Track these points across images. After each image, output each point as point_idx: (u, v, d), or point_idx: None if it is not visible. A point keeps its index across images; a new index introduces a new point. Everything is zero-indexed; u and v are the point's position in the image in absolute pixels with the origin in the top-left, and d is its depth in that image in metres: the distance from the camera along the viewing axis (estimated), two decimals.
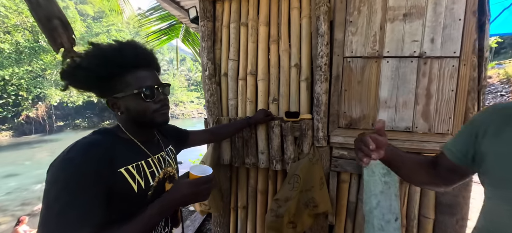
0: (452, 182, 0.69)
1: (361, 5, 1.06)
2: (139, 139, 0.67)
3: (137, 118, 0.64)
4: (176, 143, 0.87)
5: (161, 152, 0.73)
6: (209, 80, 1.35)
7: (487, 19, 1.02)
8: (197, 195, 0.62)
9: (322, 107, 1.14)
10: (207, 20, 1.35)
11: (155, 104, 0.64)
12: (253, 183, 1.43)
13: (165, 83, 0.67)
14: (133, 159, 0.62)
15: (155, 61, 0.68)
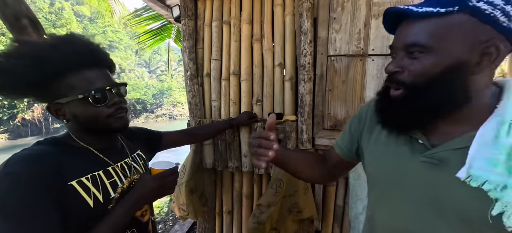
0: (339, 175, 0.74)
1: (344, 1, 1.01)
2: (96, 147, 0.60)
3: (87, 126, 0.57)
4: (147, 147, 0.81)
5: (125, 158, 0.67)
6: (191, 80, 1.30)
7: None
8: (164, 187, 0.61)
9: (306, 108, 1.09)
10: (188, 18, 1.30)
11: (108, 108, 0.57)
12: (238, 187, 1.38)
13: (120, 83, 0.61)
14: (88, 169, 0.55)
15: (104, 58, 0.61)
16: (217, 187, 1.45)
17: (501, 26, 0.38)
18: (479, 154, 0.41)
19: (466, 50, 0.39)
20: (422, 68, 0.41)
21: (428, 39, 0.40)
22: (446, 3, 0.39)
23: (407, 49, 0.43)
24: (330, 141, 1.08)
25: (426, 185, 0.46)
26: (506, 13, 0.37)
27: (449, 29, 0.39)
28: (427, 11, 0.39)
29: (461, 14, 0.38)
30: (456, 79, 0.41)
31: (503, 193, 0.38)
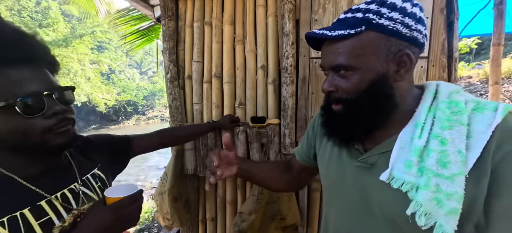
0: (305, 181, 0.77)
1: (326, 2, 0.99)
2: (25, 174, 0.45)
3: (10, 144, 0.43)
4: (113, 158, 0.69)
5: (72, 183, 0.52)
6: (171, 83, 1.25)
7: (456, 18, 0.97)
8: (122, 220, 0.49)
9: (289, 112, 1.06)
10: (168, 19, 1.25)
11: (46, 119, 0.43)
12: (221, 193, 1.33)
13: (64, 87, 0.48)
14: (8, 208, 0.41)
15: (42, 53, 0.47)
16: (200, 193, 1.40)
17: (405, 36, 0.42)
18: (399, 156, 0.44)
19: (383, 62, 0.43)
20: (351, 86, 0.45)
21: (348, 59, 0.44)
22: (354, 25, 0.43)
23: (334, 70, 0.46)
24: None
25: (360, 188, 0.51)
26: (405, 24, 0.42)
27: (363, 47, 0.43)
28: (339, 34, 0.43)
29: (369, 32, 0.42)
30: (383, 89, 0.45)
31: (417, 193, 0.41)
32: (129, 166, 0.80)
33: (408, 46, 0.43)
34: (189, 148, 1.26)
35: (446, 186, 0.39)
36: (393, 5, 0.42)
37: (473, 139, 0.39)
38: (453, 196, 0.38)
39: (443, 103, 0.43)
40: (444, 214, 0.38)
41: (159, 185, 1.22)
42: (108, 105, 16.34)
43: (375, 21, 0.41)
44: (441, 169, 0.40)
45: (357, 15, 0.43)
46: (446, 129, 0.41)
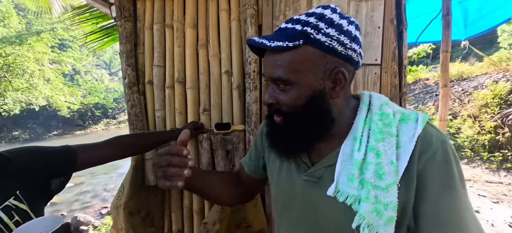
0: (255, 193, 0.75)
1: (286, 9, 1.00)
2: None
3: None
4: (45, 177, 0.59)
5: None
6: (130, 89, 1.17)
7: (405, 28, 1.05)
8: None
9: (253, 118, 1.05)
10: (125, 19, 1.16)
11: None
12: (188, 203, 1.28)
13: None
14: None
15: None
16: (165, 205, 1.32)
17: (340, 54, 0.43)
18: (342, 170, 0.45)
19: (319, 79, 0.44)
20: (290, 100, 0.45)
21: (286, 73, 0.43)
22: (292, 38, 0.42)
23: (274, 82, 0.46)
24: None
25: (309, 203, 0.50)
26: (341, 42, 0.42)
27: (300, 62, 0.42)
28: (278, 45, 0.42)
29: (307, 46, 0.42)
30: (320, 106, 0.45)
31: (359, 206, 0.42)
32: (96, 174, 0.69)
33: (343, 64, 0.44)
34: (150, 158, 1.19)
35: (383, 197, 0.40)
36: (330, 21, 0.42)
37: (401, 149, 0.42)
38: (389, 206, 0.40)
39: (376, 115, 0.46)
40: (383, 224, 0.40)
41: (115, 198, 1.13)
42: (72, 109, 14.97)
43: (313, 35, 0.41)
44: (377, 180, 0.41)
45: (296, 26, 0.43)
46: (379, 141, 0.43)
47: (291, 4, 1.00)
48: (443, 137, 0.43)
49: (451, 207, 0.39)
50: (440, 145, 0.42)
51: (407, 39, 1.12)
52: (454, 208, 0.39)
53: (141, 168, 1.19)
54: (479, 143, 4.56)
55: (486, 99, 5.06)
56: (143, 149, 1.02)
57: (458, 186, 0.40)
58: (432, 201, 0.40)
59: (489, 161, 4.28)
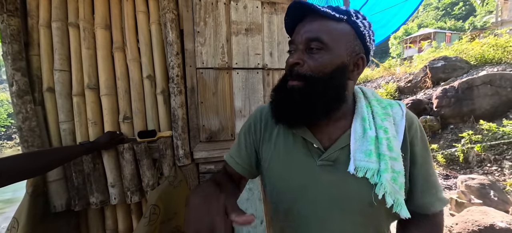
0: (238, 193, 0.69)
1: (206, 16, 1.05)
2: None
3: None
4: None
5: None
6: (20, 98, 0.96)
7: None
8: None
9: (180, 122, 1.04)
10: (8, 14, 0.95)
11: None
12: (111, 224, 1.14)
13: None
14: None
15: None
16: (82, 231, 1.13)
17: (365, 43, 0.50)
18: (357, 148, 0.49)
19: (348, 55, 0.48)
20: (319, 65, 0.47)
21: (327, 36, 0.46)
22: (339, 12, 0.48)
23: (309, 43, 0.47)
24: (209, 153, 1.09)
25: (328, 186, 0.50)
26: (369, 34, 0.50)
27: (340, 34, 0.47)
28: (326, 12, 0.47)
29: (347, 24, 0.48)
30: (342, 78, 0.49)
31: (380, 177, 0.46)
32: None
33: (364, 53, 0.50)
34: (55, 179, 1.00)
35: (396, 166, 0.48)
36: (364, 17, 0.51)
37: (397, 126, 0.52)
38: (401, 173, 0.48)
39: (374, 100, 0.55)
40: (398, 189, 0.47)
41: None
42: None
43: (353, 18, 0.48)
44: (391, 152, 0.48)
45: (341, 8, 0.49)
46: (384, 120, 0.51)
47: (211, 12, 1.05)
48: (415, 115, 0.56)
49: (430, 164, 0.53)
50: (417, 121, 0.55)
51: None
52: (431, 164, 0.54)
53: (42, 193, 0.99)
54: None
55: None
56: (38, 171, 0.82)
57: (429, 151, 0.54)
58: (420, 163, 0.52)
59: None
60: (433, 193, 0.52)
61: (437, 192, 0.53)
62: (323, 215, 0.51)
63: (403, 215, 0.47)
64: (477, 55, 6.14)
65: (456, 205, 2.66)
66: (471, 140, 4.04)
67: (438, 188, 0.53)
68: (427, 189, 0.52)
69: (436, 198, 0.52)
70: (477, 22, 21.56)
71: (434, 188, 0.53)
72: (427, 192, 0.52)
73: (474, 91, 4.61)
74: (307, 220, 0.53)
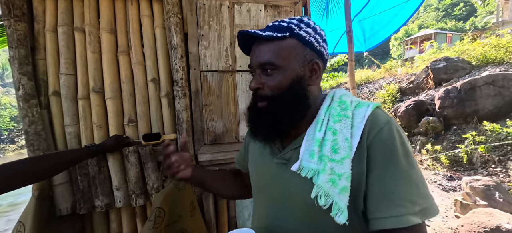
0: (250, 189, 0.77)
1: (210, 20, 1.06)
2: None
3: None
4: None
5: None
6: (26, 102, 0.96)
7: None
8: None
9: (184, 125, 1.05)
10: (16, 19, 0.96)
11: None
12: (116, 227, 1.14)
13: None
14: None
15: None
16: None
17: (315, 48, 0.53)
18: (306, 149, 0.52)
19: (301, 66, 0.52)
20: (277, 83, 0.51)
21: (275, 58, 0.50)
22: (280, 30, 0.51)
23: (262, 67, 0.52)
24: (213, 156, 1.09)
25: (280, 183, 0.55)
26: (316, 40, 0.52)
27: (287, 50, 0.51)
28: (269, 35, 0.50)
29: (291, 39, 0.51)
30: (300, 89, 0.52)
31: (317, 178, 0.48)
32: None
33: (317, 58, 0.53)
34: (61, 182, 1.01)
35: (338, 169, 0.47)
36: (308, 24, 0.53)
37: (355, 128, 0.49)
38: (343, 176, 0.46)
39: (336, 102, 0.54)
40: (337, 193, 0.46)
41: None
42: None
43: (296, 30, 0.51)
44: (333, 154, 0.48)
45: (282, 24, 0.52)
46: (337, 122, 0.51)
47: (215, 15, 1.06)
48: (388, 118, 0.50)
49: (394, 176, 0.45)
50: (385, 124, 0.48)
51: None
52: (397, 176, 0.45)
53: (48, 197, 0.99)
54: None
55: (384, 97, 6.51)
56: (44, 175, 0.81)
57: (400, 159, 0.46)
58: (378, 171, 0.46)
59: None
60: (387, 207, 0.45)
61: (393, 208, 0.44)
62: (277, 211, 0.56)
63: (340, 221, 0.45)
64: (479, 56, 6.12)
65: (461, 207, 2.64)
66: (475, 141, 4.01)
67: (399, 204, 0.44)
68: (382, 202, 0.45)
69: (389, 214, 0.44)
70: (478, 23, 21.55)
71: (392, 203, 0.44)
72: (381, 205, 0.46)
73: (476, 92, 4.59)
74: (268, 213, 0.59)
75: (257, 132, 0.56)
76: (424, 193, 0.46)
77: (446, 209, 2.84)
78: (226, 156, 1.08)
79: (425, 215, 0.44)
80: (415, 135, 5.21)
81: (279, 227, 0.55)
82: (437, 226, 2.45)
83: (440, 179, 3.78)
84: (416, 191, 0.45)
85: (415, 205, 0.44)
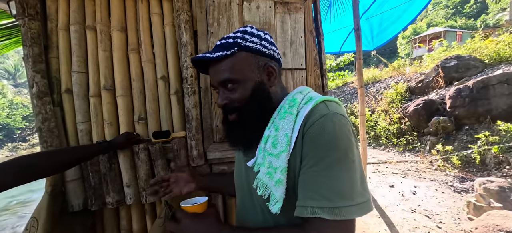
0: None
1: (220, 17, 1.05)
2: None
3: None
4: None
5: None
6: (40, 99, 0.98)
7: (322, 39, 1.25)
8: None
9: (194, 123, 1.04)
10: (30, 18, 0.98)
11: None
12: (126, 224, 1.14)
13: None
14: None
15: None
16: (98, 231, 1.14)
17: (265, 53, 0.57)
18: (260, 146, 0.56)
19: (256, 73, 0.56)
20: (239, 95, 0.55)
21: (231, 74, 0.54)
22: (228, 47, 0.54)
23: (223, 84, 0.56)
24: (222, 154, 1.08)
25: (246, 179, 0.61)
26: (263, 45, 0.57)
27: (239, 64, 0.54)
28: (219, 55, 0.53)
29: (241, 52, 0.55)
30: (263, 93, 0.56)
31: (260, 171, 0.53)
32: None
33: (270, 61, 0.58)
34: (73, 179, 1.02)
35: (274, 162, 0.50)
36: (252, 33, 0.57)
37: (296, 124, 0.51)
38: (278, 169, 0.49)
39: (287, 101, 0.56)
40: (273, 184, 0.50)
41: None
42: None
43: (243, 43, 0.55)
44: (272, 149, 0.52)
45: (229, 40, 0.56)
46: (281, 119, 0.54)
47: (224, 13, 1.05)
48: (325, 112, 0.48)
49: (314, 169, 0.46)
50: (318, 118, 0.47)
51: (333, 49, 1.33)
52: (315, 171, 0.46)
53: (60, 193, 1.01)
54: (390, 132, 5.69)
55: (392, 96, 6.39)
56: (54, 170, 0.81)
57: (324, 153, 0.45)
58: (304, 162, 0.47)
59: (398, 145, 5.40)
60: (302, 196, 0.47)
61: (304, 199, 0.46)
62: (243, 204, 0.63)
63: (273, 210, 0.49)
64: (492, 54, 5.93)
65: (474, 209, 2.56)
66: (488, 141, 3.89)
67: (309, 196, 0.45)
68: (301, 191, 0.47)
69: (300, 203, 0.46)
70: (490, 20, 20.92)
71: (305, 193, 0.46)
72: (300, 194, 0.47)
73: (490, 91, 4.45)
74: (239, 207, 0.66)
75: (235, 144, 0.61)
76: (342, 191, 0.43)
77: (458, 211, 2.76)
78: (235, 154, 1.07)
79: (335, 214, 0.42)
80: (425, 135, 5.09)
81: (245, 217, 0.62)
82: (449, 228, 2.38)
83: (452, 180, 3.68)
84: (332, 186, 0.44)
85: (323, 199, 0.43)
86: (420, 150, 4.88)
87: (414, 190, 3.39)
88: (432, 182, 3.68)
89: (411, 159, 4.74)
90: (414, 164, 4.50)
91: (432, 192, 3.30)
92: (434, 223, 2.50)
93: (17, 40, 2.80)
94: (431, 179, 3.80)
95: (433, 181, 3.70)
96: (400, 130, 5.56)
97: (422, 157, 4.59)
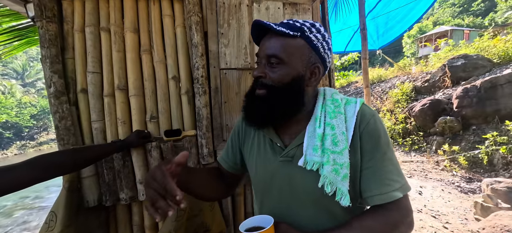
0: (235, 187, 0.82)
1: (230, 18, 1.07)
2: None
3: None
4: None
5: None
6: (57, 99, 1.02)
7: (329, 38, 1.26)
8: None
9: (204, 122, 1.07)
10: (47, 20, 1.01)
11: None
12: (138, 220, 1.18)
13: None
14: None
15: None
16: (111, 226, 1.18)
17: (320, 53, 0.57)
18: (308, 144, 0.56)
19: (304, 66, 0.56)
20: (278, 76, 0.55)
21: (282, 53, 0.54)
22: (293, 28, 0.55)
23: (268, 59, 0.56)
24: None
25: (286, 179, 0.59)
26: (322, 46, 0.57)
27: (295, 48, 0.55)
28: (282, 30, 0.53)
29: (301, 39, 0.55)
30: (299, 87, 0.56)
31: (322, 169, 0.54)
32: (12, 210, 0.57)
33: (320, 63, 0.57)
34: (89, 175, 1.06)
35: (339, 159, 0.53)
36: (318, 30, 0.57)
37: (348, 123, 0.56)
38: (344, 165, 0.53)
39: (329, 100, 0.59)
40: (340, 180, 0.52)
41: (43, 230, 0.95)
42: None
43: (307, 33, 0.55)
44: (334, 147, 0.54)
45: (296, 24, 0.56)
46: (333, 118, 0.56)
47: (234, 14, 1.07)
48: (373, 112, 0.58)
49: (379, 161, 0.54)
50: (371, 117, 0.56)
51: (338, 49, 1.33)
52: (384, 159, 0.54)
53: (76, 189, 1.04)
54: (395, 132, 5.65)
55: (398, 96, 6.33)
56: (75, 167, 0.86)
57: (383, 146, 0.55)
58: (368, 157, 0.54)
59: (403, 145, 5.36)
60: (376, 187, 0.53)
61: (381, 187, 0.53)
62: (287, 202, 0.60)
63: (344, 204, 0.52)
64: (500, 53, 5.83)
65: (481, 209, 2.53)
66: (496, 141, 3.83)
67: (385, 183, 0.53)
68: (372, 183, 0.54)
69: (378, 192, 0.53)
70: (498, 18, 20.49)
71: (380, 183, 0.53)
72: (371, 185, 0.54)
73: (498, 90, 4.38)
74: (276, 205, 0.62)
75: (251, 117, 0.60)
76: (401, 172, 0.55)
77: (465, 211, 2.74)
78: None
79: (404, 190, 0.54)
80: (431, 135, 5.04)
81: (289, 216, 0.60)
82: (455, 228, 2.37)
83: (458, 180, 3.65)
84: (396, 172, 0.54)
85: (396, 182, 0.53)
86: (426, 150, 4.83)
87: (420, 190, 3.37)
88: (438, 182, 3.65)
89: (417, 159, 4.70)
90: (420, 164, 4.46)
91: (438, 193, 3.28)
92: (441, 223, 2.48)
93: (28, 41, 2.87)
94: (437, 179, 3.76)
95: (439, 182, 3.67)
96: (406, 130, 5.51)
97: (428, 158, 4.55)
